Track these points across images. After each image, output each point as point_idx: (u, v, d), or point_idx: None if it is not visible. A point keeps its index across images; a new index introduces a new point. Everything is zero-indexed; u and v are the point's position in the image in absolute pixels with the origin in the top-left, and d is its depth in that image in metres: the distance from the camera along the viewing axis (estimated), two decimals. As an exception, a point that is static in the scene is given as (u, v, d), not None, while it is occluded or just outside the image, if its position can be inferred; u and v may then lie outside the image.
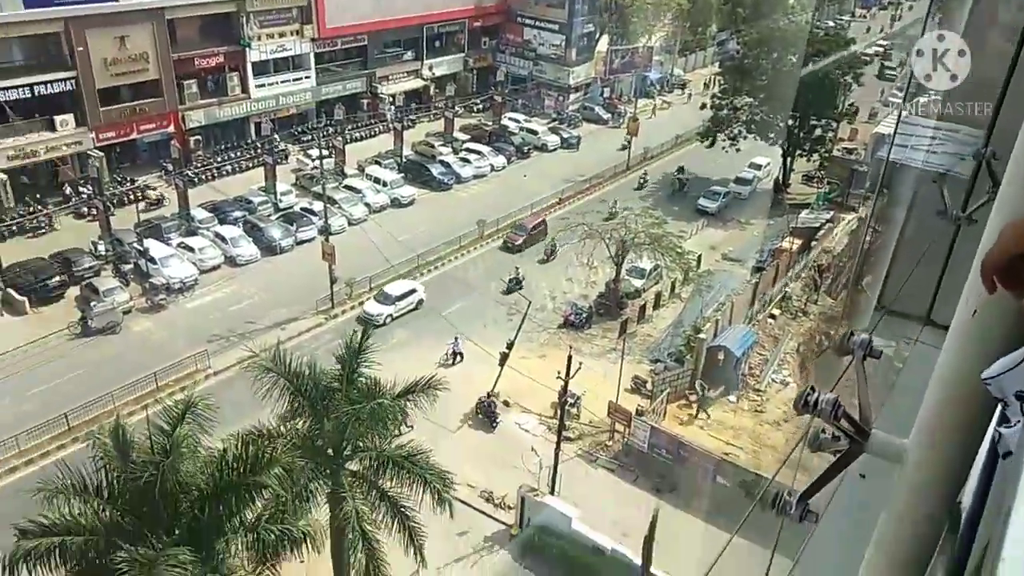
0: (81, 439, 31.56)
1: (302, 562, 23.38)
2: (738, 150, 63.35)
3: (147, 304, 43.91)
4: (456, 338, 40.58)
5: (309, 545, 21.85)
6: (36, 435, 33.49)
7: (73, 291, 44.38)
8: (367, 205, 56.34)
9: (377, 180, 59.20)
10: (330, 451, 23.79)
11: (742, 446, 36.60)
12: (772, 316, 48.07)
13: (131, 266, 46.68)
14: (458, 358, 40.20)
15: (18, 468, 32.12)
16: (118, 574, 17.89)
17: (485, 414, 36.89)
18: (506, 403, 38.27)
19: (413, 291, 45.55)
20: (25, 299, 42.65)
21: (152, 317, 43.33)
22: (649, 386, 39.60)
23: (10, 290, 42.88)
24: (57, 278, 44.32)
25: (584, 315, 45.80)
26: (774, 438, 37.25)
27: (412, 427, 28.97)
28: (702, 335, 40.98)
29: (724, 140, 64.22)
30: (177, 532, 19.63)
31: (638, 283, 49.30)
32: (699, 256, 51.63)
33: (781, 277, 50.04)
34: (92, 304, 41.96)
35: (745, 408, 39.71)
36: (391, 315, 44.32)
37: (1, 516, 23.24)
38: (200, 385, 36.83)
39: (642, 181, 64.09)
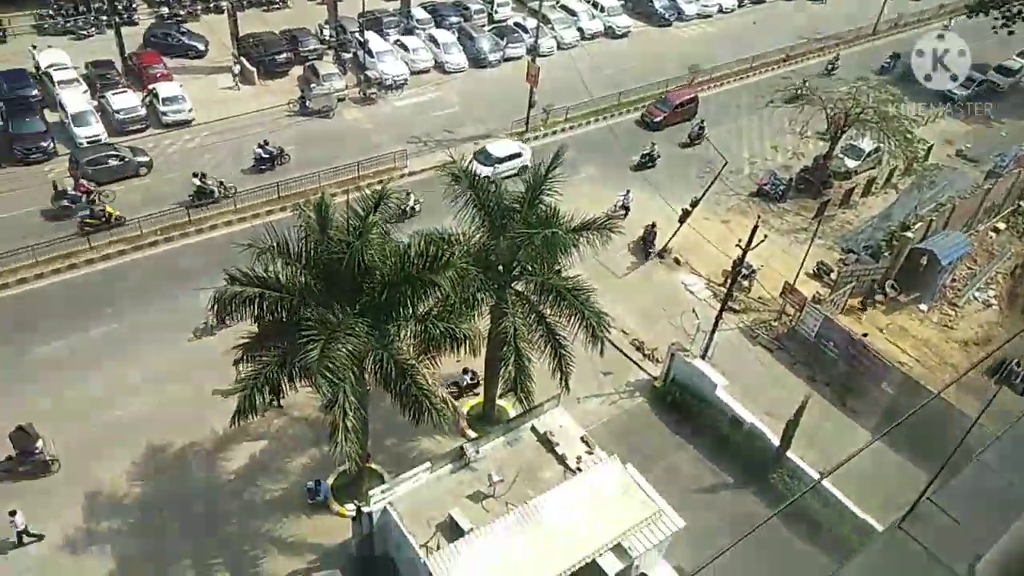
0: (289, 208, 34.96)
1: (458, 361, 25.36)
2: (1010, 32, 54.32)
3: (359, 95, 46.12)
4: (627, 191, 39.67)
5: (467, 348, 23.53)
6: (251, 197, 37.35)
7: (296, 70, 47.37)
8: (580, 30, 54.55)
9: (595, 5, 56.79)
10: (500, 268, 24.85)
11: (919, 358, 34.33)
12: (995, 230, 43.02)
13: (350, 56, 48.81)
14: (626, 213, 39.36)
15: (233, 223, 36.26)
16: (303, 331, 20.26)
17: (646, 243, 37.13)
18: (677, 261, 37.77)
19: (518, 155, 41.39)
20: (255, 70, 46.11)
21: (362, 109, 45.61)
22: (834, 275, 37.43)
23: (243, 59, 46.37)
24: (285, 55, 47.37)
25: (782, 187, 43.13)
26: (957, 358, 34.59)
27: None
28: (910, 234, 37.55)
29: (997, 18, 55.13)
30: (358, 308, 21.67)
31: (852, 164, 45.29)
32: (929, 147, 46.28)
33: (1018, 188, 44.12)
34: (312, 86, 44.79)
35: (934, 321, 36.81)
36: (488, 178, 41.54)
37: (214, 262, 26.63)
38: (395, 182, 38.99)
39: (831, 66, 55.41)
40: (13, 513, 23.10)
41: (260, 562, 24.03)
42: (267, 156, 39.32)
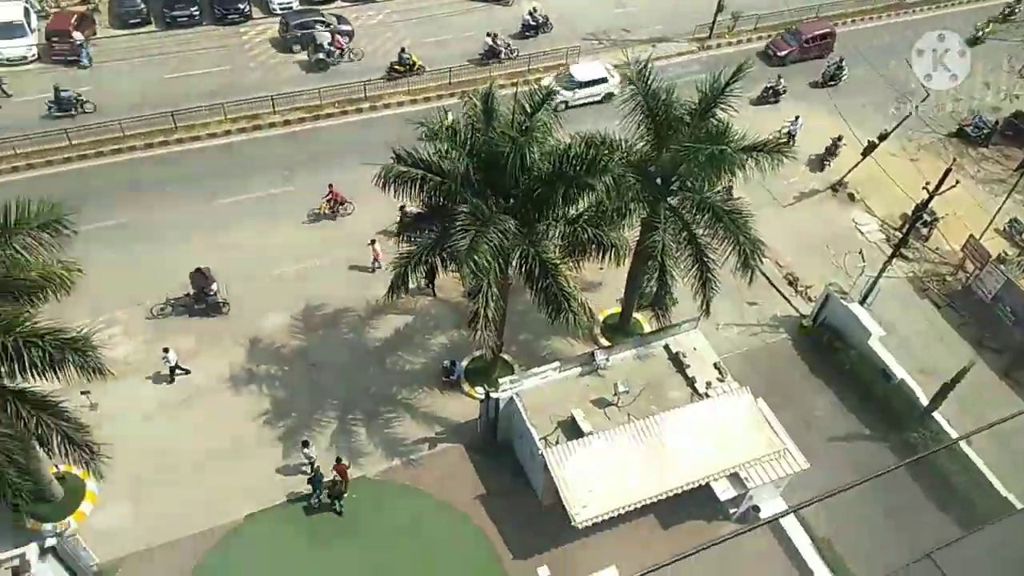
0: (458, 95, 35.33)
1: (601, 269, 25.29)
2: None
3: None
4: (797, 117, 36.54)
5: (612, 256, 23.36)
6: (423, 81, 37.97)
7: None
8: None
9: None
10: (659, 180, 24.15)
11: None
12: None
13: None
14: (790, 140, 36.36)
15: (404, 103, 37.16)
16: (456, 218, 20.80)
17: (826, 156, 34.74)
18: (851, 196, 35.21)
19: (603, 80, 37.74)
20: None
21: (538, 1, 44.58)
22: (1026, 236, 33.74)
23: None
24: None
25: (986, 131, 38.68)
26: None
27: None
28: None
29: None
30: (511, 202, 21.90)
31: (1077, 115, 39.77)
32: None
33: None
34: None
35: None
36: (566, 103, 36.73)
37: (382, 141, 27.47)
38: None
39: (1007, 9, 47.06)
40: (166, 350, 25.77)
41: (393, 423, 25.85)
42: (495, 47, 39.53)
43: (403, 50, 38.17)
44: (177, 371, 26.26)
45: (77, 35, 37.06)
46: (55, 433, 19.10)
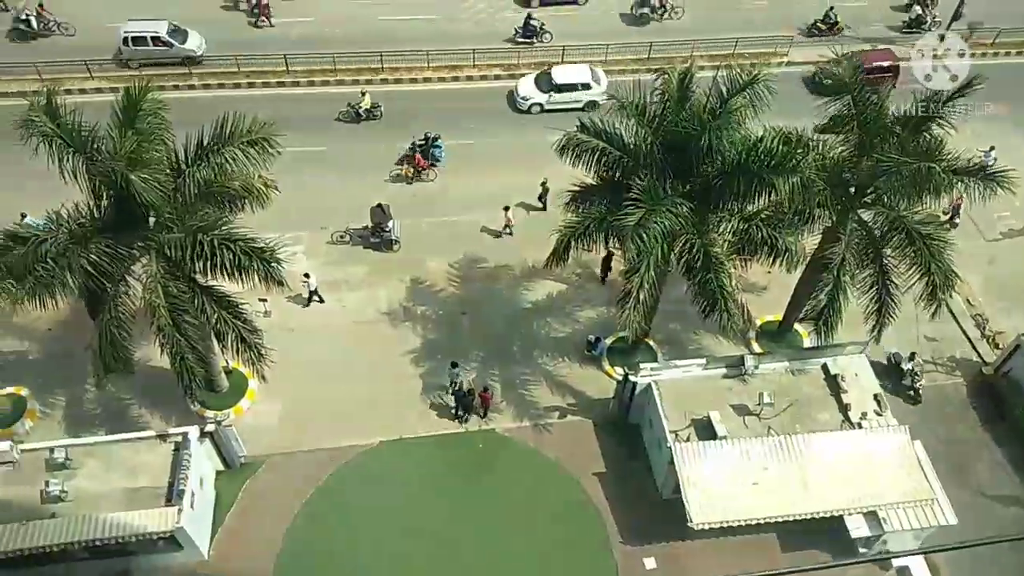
0: (654, 72, 34.50)
1: (769, 272, 24.19)
2: None
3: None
4: (991, 148, 31.77)
5: (784, 261, 22.26)
6: (621, 52, 37.51)
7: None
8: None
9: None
10: (852, 189, 22.61)
11: None
12: None
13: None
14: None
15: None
16: (626, 194, 20.56)
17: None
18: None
19: (587, 86, 34.36)
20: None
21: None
22: None
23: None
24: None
25: None
26: None
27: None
28: None
29: None
30: (688, 188, 21.33)
31: None
32: None
33: None
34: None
35: None
36: (540, 105, 34.53)
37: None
38: (771, 69, 36.33)
39: None
40: (307, 275, 27.19)
41: (528, 385, 26.33)
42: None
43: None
44: (313, 298, 27.85)
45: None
46: (231, 331, 21.08)
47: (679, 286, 23.50)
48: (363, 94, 33.88)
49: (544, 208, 30.77)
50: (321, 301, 28.02)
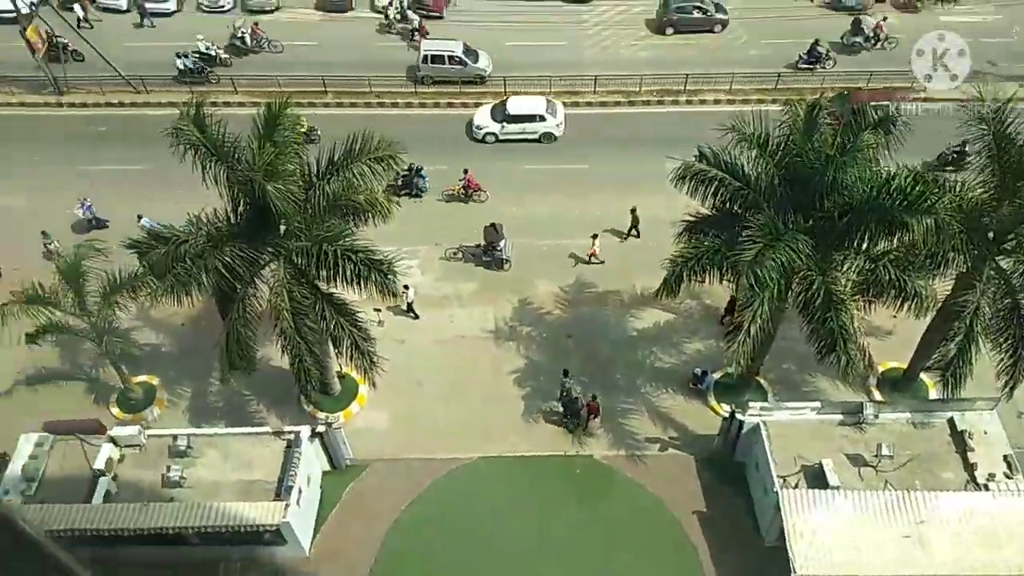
0: (780, 103, 33.54)
1: (895, 317, 22.92)
2: None
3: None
4: None
5: (912, 306, 21.08)
6: (744, 81, 36.84)
7: None
8: None
9: None
10: (990, 234, 21.17)
11: None
12: None
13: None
14: None
15: (721, 102, 36.32)
16: (747, 228, 20.05)
17: None
18: None
19: (540, 118, 33.98)
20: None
21: (900, 16, 40.81)
22: None
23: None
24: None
25: None
26: None
27: None
28: None
29: None
30: (810, 223, 20.59)
31: None
32: None
33: None
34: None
35: None
36: (495, 135, 34.46)
37: (688, 136, 27.09)
38: (902, 103, 34.71)
39: None
40: (406, 287, 27.35)
41: (629, 415, 25.98)
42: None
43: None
44: (408, 312, 28.34)
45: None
46: (347, 337, 21.96)
47: (796, 323, 22.68)
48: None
49: (638, 236, 30.72)
50: (415, 317, 28.58)
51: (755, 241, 19.66)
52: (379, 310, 26.80)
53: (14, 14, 35.22)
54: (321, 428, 23.28)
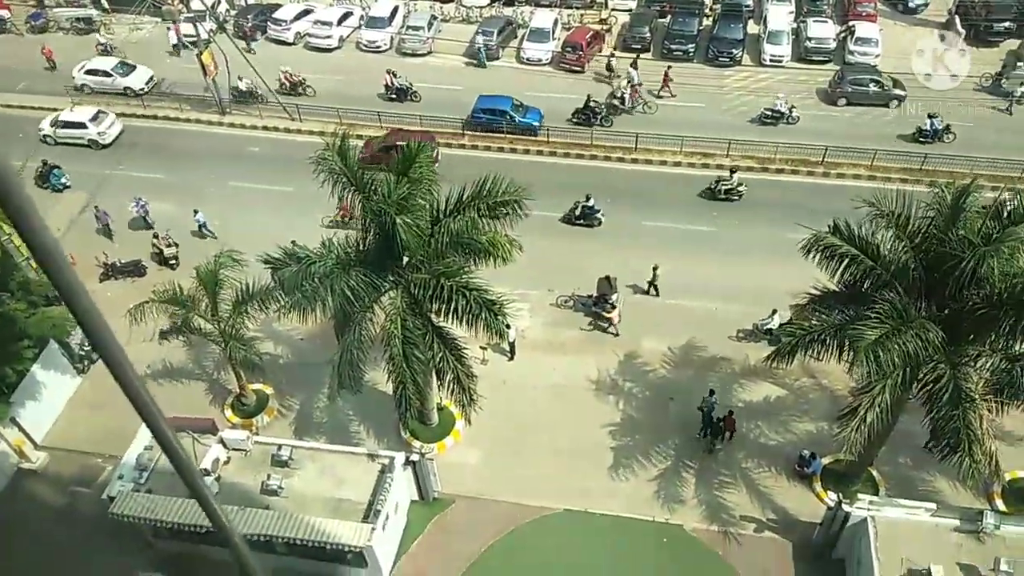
0: (928, 183, 31.75)
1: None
2: None
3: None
4: None
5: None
6: (844, 155, 35.46)
7: (1011, 43, 41.61)
8: None
9: None
10: None
11: None
12: None
13: None
14: None
15: (861, 177, 35.00)
16: (875, 309, 19.06)
17: None
18: None
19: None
20: (964, 32, 42.19)
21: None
22: None
23: (958, 17, 42.64)
24: (1007, 23, 42.07)
25: None
26: None
27: None
28: None
29: None
30: (944, 312, 19.42)
31: None
32: None
33: None
34: (1019, 65, 38.79)
35: None
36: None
37: (819, 208, 26.22)
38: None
39: None
40: (508, 326, 26.74)
41: (725, 488, 25.00)
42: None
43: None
44: (510, 353, 28.46)
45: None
46: (451, 371, 22.42)
47: (918, 416, 21.31)
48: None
49: (657, 294, 30.28)
50: (511, 357, 28.73)
51: (881, 322, 18.73)
52: (485, 348, 27.20)
53: (195, 38, 39.17)
54: (415, 457, 23.69)
